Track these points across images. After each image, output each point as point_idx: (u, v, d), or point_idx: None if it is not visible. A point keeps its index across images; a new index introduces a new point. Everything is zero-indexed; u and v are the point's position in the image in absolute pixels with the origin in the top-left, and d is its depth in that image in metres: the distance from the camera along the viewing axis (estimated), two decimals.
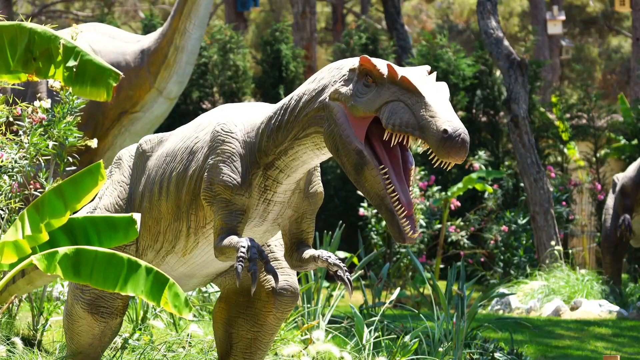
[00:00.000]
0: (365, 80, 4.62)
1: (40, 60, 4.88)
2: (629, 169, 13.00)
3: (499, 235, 14.44)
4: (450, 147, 4.35)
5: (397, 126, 4.46)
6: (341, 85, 4.69)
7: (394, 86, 4.53)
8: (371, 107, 4.56)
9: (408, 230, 4.56)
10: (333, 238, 8.91)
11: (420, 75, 4.59)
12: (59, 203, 4.73)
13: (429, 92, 4.48)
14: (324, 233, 9.66)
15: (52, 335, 7.39)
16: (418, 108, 4.44)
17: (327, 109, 4.71)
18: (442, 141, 4.35)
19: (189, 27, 10.20)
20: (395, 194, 4.56)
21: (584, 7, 34.45)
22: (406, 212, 4.57)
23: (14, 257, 4.73)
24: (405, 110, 4.47)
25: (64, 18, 32.11)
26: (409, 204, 4.58)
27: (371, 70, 4.59)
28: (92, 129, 10.11)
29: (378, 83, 4.58)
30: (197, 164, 5.13)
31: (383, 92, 4.55)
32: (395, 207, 4.55)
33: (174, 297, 4.60)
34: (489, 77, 17.18)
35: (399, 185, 4.60)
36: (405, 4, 34.51)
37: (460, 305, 8.18)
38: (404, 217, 4.56)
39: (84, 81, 4.89)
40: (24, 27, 4.87)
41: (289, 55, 17.16)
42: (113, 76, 4.90)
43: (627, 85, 30.79)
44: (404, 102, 4.48)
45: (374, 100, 4.56)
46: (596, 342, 10.27)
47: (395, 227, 4.56)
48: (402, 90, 4.51)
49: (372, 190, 4.59)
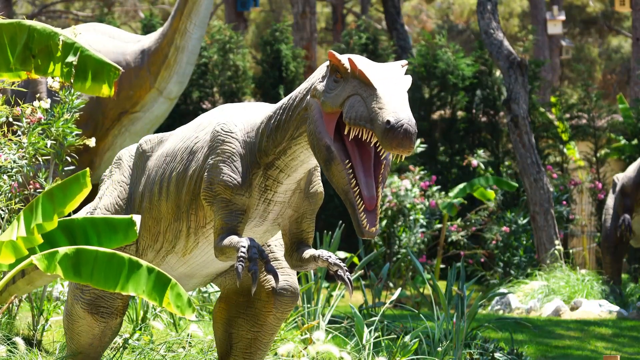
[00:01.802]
0: (334, 76, 4.65)
1: (39, 58, 4.87)
2: (629, 169, 13.00)
3: (499, 235, 14.44)
4: (392, 138, 4.35)
5: (353, 119, 4.49)
6: (319, 82, 4.73)
7: (355, 80, 4.56)
8: (337, 102, 4.60)
9: (366, 224, 4.59)
10: (333, 238, 8.91)
11: (380, 69, 4.60)
12: (49, 206, 4.75)
13: (383, 85, 4.49)
14: (324, 233, 9.66)
15: (52, 335, 7.38)
16: (370, 101, 4.46)
17: (308, 106, 4.74)
18: (385, 132, 4.36)
19: (190, 27, 10.20)
20: (356, 189, 4.59)
21: (584, 7, 34.44)
22: (366, 206, 4.59)
23: (11, 257, 4.74)
24: (360, 104, 4.50)
25: (64, 18, 32.11)
26: (371, 199, 4.60)
27: (337, 65, 4.63)
28: (91, 129, 10.10)
29: (344, 78, 4.61)
30: (197, 164, 5.13)
31: (347, 86, 4.58)
32: (356, 202, 4.58)
33: (176, 297, 4.59)
34: (489, 77, 17.18)
35: (365, 179, 4.62)
36: (405, 4, 34.50)
37: (460, 305, 8.18)
38: (363, 212, 4.59)
39: (84, 77, 4.89)
40: (24, 25, 4.86)
41: (289, 55, 17.15)
42: (114, 71, 4.90)
43: (627, 85, 30.79)
44: (360, 95, 4.51)
45: (339, 95, 4.60)
46: (596, 342, 10.27)
47: (355, 221, 4.61)
48: (360, 84, 4.53)
49: (338, 185, 4.63)
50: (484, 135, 17.18)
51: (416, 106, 16.89)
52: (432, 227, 14.32)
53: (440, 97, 17.20)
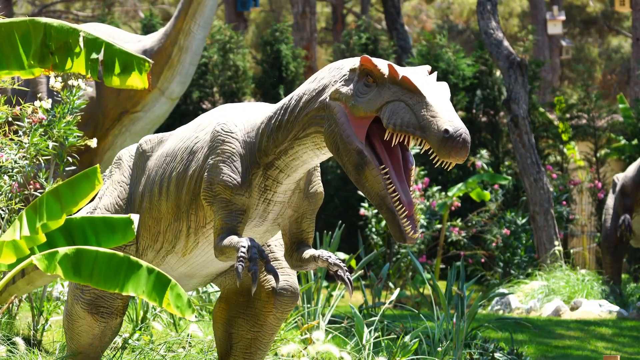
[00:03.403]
0: (365, 80, 4.62)
1: (57, 55, 4.85)
2: (629, 169, 13.00)
3: (500, 236, 14.45)
4: (451, 147, 4.35)
5: (398, 126, 4.46)
6: (341, 85, 4.69)
7: (394, 86, 4.53)
8: (372, 107, 4.56)
9: (409, 230, 4.56)
10: (333, 238, 8.91)
11: (421, 75, 4.59)
12: (56, 205, 4.72)
13: (430, 92, 4.48)
14: (324, 233, 9.66)
15: (52, 335, 7.39)
16: (419, 108, 4.44)
17: (327, 108, 4.71)
18: (444, 141, 4.35)
19: (194, 28, 10.20)
20: (396, 194, 4.56)
21: (584, 7, 34.44)
22: (407, 212, 4.57)
23: (12, 257, 4.73)
24: (406, 110, 4.47)
25: (64, 18, 32.11)
26: (410, 204, 4.58)
27: (372, 70, 4.59)
28: (92, 128, 10.10)
29: (379, 83, 4.58)
30: (197, 164, 5.13)
31: (384, 92, 4.55)
32: (396, 207, 4.56)
33: (176, 297, 4.59)
34: (489, 77, 17.18)
35: (400, 185, 4.60)
36: (405, 4, 34.50)
37: (460, 305, 8.18)
38: (405, 217, 4.56)
39: (113, 71, 4.86)
40: (38, 22, 4.84)
41: (289, 56, 17.15)
42: (143, 63, 4.88)
43: (627, 85, 30.78)
44: (404, 102, 4.49)
45: (374, 100, 4.56)
46: (596, 342, 10.27)
47: (396, 227, 4.56)
48: (402, 90, 4.51)
49: (372, 190, 4.59)
50: (484, 135, 17.19)
51: None
52: (432, 228, 14.32)
53: None
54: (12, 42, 4.83)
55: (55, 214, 4.70)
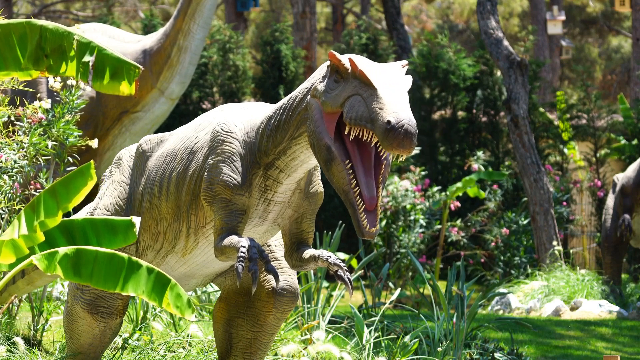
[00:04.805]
0: (335, 76, 4.65)
1: (51, 57, 4.85)
2: (629, 169, 13.00)
3: (499, 236, 14.44)
4: (393, 138, 4.35)
5: (354, 120, 4.49)
6: (319, 82, 4.73)
7: (355, 80, 4.56)
8: (337, 102, 4.60)
9: (366, 224, 4.59)
10: (333, 238, 8.91)
11: (379, 69, 4.60)
12: (52, 203, 4.73)
13: (384, 84, 4.49)
14: (324, 233, 9.66)
15: (52, 335, 7.38)
16: (371, 101, 4.46)
17: (308, 106, 4.75)
18: (386, 132, 4.36)
19: (193, 28, 10.21)
20: (356, 189, 4.59)
21: (584, 7, 34.43)
22: (366, 207, 4.59)
23: (12, 256, 4.73)
24: (361, 104, 4.50)
25: (64, 18, 32.10)
26: (372, 199, 4.60)
27: (337, 65, 4.64)
28: (92, 128, 10.10)
29: (344, 78, 4.61)
30: (197, 164, 5.13)
31: (347, 86, 4.59)
32: (356, 202, 4.59)
33: (175, 297, 4.59)
34: (490, 77, 17.18)
35: (365, 180, 4.62)
36: (405, 4, 34.50)
37: (460, 305, 8.18)
38: (364, 212, 4.59)
39: (103, 76, 4.87)
40: (34, 24, 4.84)
41: (289, 56, 17.15)
42: (133, 69, 4.88)
43: (627, 85, 30.78)
44: (361, 95, 4.51)
45: (339, 95, 4.60)
46: (596, 342, 10.27)
47: (356, 222, 4.61)
48: (361, 84, 4.53)
49: (339, 185, 4.63)
50: (484, 136, 17.18)
51: (417, 106, 16.90)
52: (432, 228, 14.32)
53: (441, 97, 17.21)
54: (9, 44, 4.84)
55: (52, 211, 4.71)
